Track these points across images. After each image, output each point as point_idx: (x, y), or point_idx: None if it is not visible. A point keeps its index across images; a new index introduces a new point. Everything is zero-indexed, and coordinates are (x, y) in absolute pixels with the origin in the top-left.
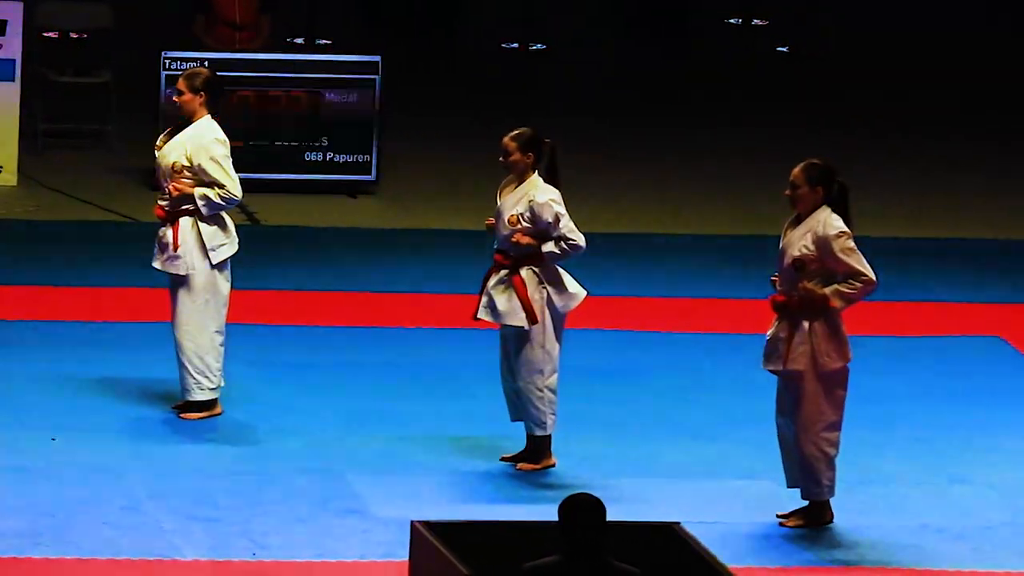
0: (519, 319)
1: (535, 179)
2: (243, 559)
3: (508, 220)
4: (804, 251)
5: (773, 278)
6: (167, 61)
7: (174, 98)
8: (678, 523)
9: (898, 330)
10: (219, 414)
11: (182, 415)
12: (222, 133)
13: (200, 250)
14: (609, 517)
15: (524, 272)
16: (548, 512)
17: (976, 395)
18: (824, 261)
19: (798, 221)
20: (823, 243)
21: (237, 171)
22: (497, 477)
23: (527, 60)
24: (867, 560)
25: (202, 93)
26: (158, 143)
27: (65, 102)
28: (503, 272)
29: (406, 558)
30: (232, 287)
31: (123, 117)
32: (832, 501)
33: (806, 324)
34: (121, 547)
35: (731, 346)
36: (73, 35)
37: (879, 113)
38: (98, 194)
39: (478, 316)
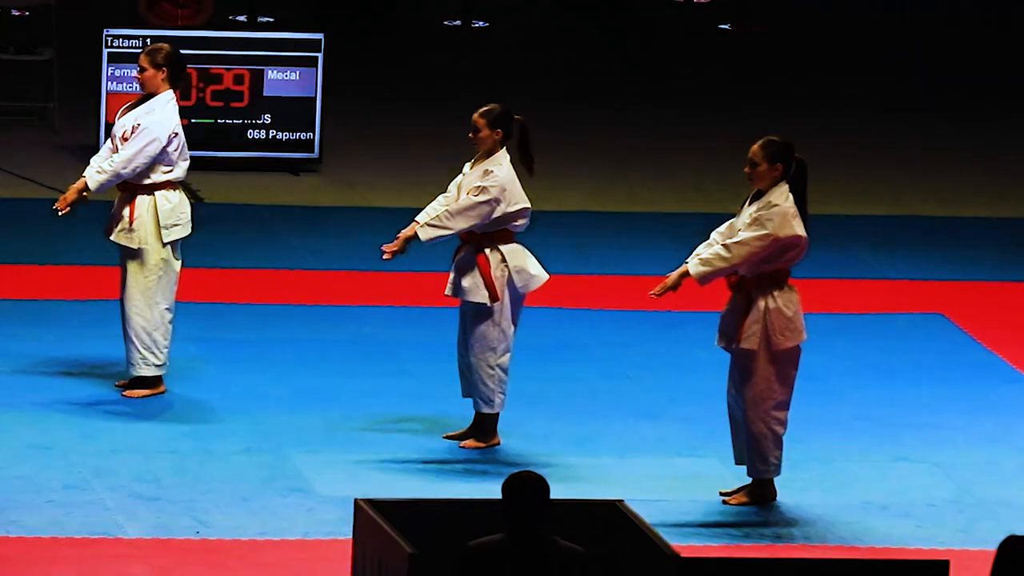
0: (481, 295)
1: (501, 155)
2: (187, 537)
3: (467, 194)
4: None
5: None
6: (109, 38)
7: (135, 75)
8: (621, 501)
9: (840, 307)
10: (162, 392)
11: (125, 393)
12: (176, 116)
13: (155, 226)
14: (552, 495)
15: (487, 250)
16: (492, 490)
17: (919, 372)
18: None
19: (757, 197)
20: (762, 210)
21: None
22: (441, 455)
23: (469, 38)
24: (811, 537)
25: (164, 68)
26: (118, 115)
27: (7, 79)
28: (467, 249)
29: (350, 536)
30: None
31: (66, 94)
32: (775, 479)
33: (761, 302)
34: (65, 525)
35: (675, 324)
36: (15, 12)
37: (822, 90)
38: (41, 172)
39: (446, 293)
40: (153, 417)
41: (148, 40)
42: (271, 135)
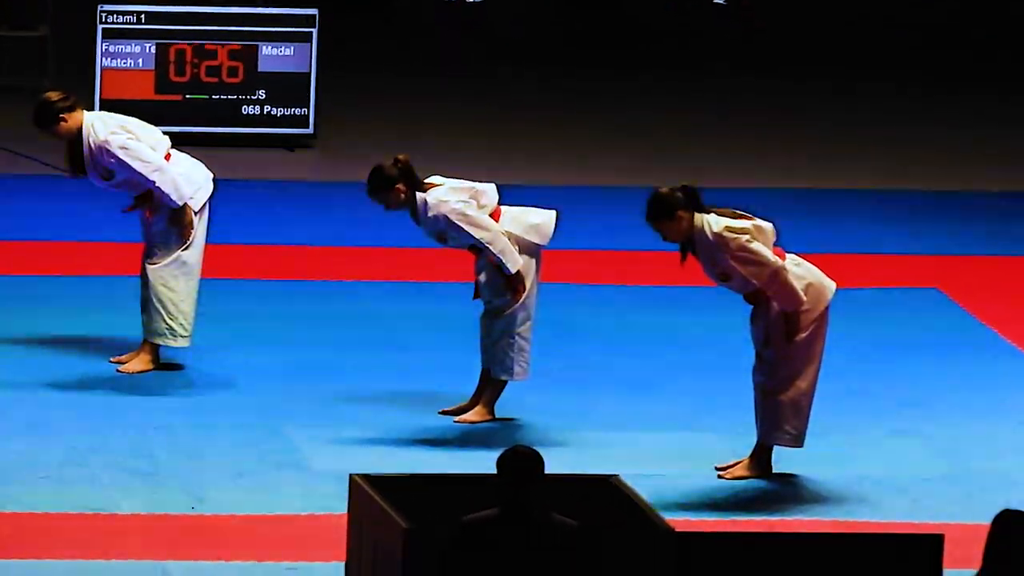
0: (503, 297)
1: (421, 202)
2: (183, 513)
3: (439, 240)
4: (714, 267)
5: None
6: (103, 15)
7: (55, 137)
8: (616, 475)
9: (836, 281)
10: (157, 369)
11: (120, 369)
12: (110, 120)
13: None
14: (547, 470)
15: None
16: (487, 465)
17: (914, 347)
18: (723, 265)
19: (688, 247)
20: (716, 252)
21: (175, 125)
22: (436, 430)
23: (464, 12)
24: (806, 511)
25: (61, 116)
26: (75, 171)
27: (1, 56)
28: (480, 255)
29: (345, 511)
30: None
31: (60, 71)
32: (773, 452)
33: (775, 302)
34: (61, 502)
35: (669, 298)
36: None
37: (816, 65)
38: (35, 148)
39: (474, 298)
40: (148, 393)
41: (142, 16)
42: (266, 111)
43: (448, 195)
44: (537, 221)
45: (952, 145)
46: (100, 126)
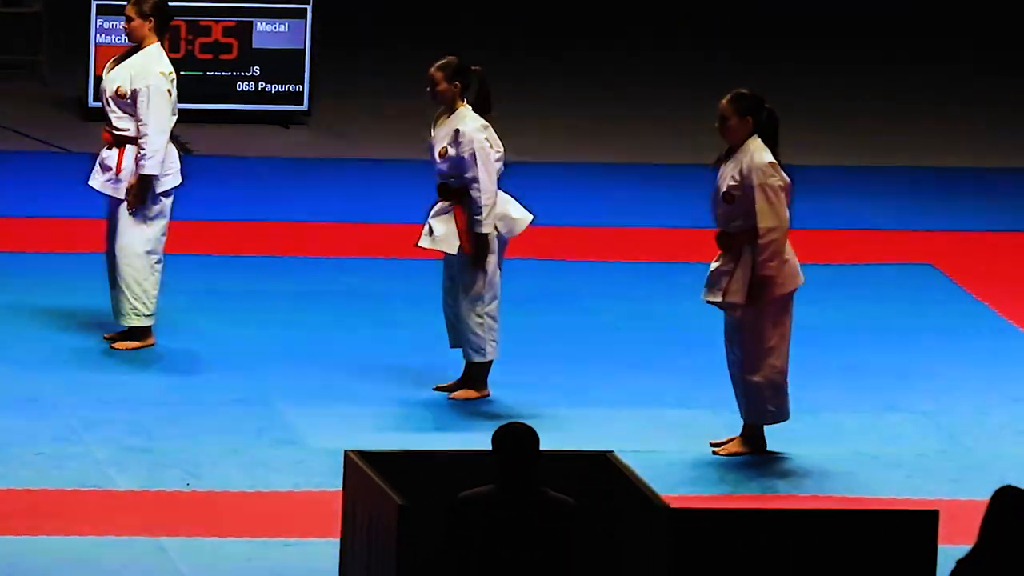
0: (452, 245)
1: (464, 110)
2: (177, 489)
3: (439, 153)
4: (732, 183)
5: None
6: None
7: (123, 26)
8: (611, 452)
9: (830, 258)
10: (152, 345)
11: (115, 345)
12: (168, 65)
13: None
14: (542, 446)
15: (465, 201)
16: (482, 442)
17: (908, 323)
18: (743, 192)
19: (730, 154)
20: (748, 175)
21: None
22: (431, 407)
23: None
24: (801, 488)
25: (151, 18)
26: (106, 68)
27: None
28: (445, 202)
29: (340, 488)
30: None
31: (54, 47)
32: (765, 429)
33: (749, 256)
34: (55, 478)
35: (665, 275)
36: None
37: (809, 40)
38: (29, 124)
39: (418, 243)
40: (143, 369)
41: None
42: (260, 87)
43: (486, 132)
44: (513, 215)
45: (947, 121)
46: (160, 60)
